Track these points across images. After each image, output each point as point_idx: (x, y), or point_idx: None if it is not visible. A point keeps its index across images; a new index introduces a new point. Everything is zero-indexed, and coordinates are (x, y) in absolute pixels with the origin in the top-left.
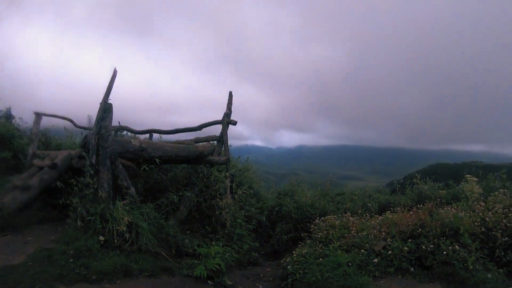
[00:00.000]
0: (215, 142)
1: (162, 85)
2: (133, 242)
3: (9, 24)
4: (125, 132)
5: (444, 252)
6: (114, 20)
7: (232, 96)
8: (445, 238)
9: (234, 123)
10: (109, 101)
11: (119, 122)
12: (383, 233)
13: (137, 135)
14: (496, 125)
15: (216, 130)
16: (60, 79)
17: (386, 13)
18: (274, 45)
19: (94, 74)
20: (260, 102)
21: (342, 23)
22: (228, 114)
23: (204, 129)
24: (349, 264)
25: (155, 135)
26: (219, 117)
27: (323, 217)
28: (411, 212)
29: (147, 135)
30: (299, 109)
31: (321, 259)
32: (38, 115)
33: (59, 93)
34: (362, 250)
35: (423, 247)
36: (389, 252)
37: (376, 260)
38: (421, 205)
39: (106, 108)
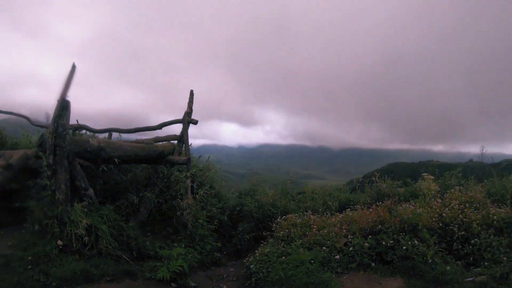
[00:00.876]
0: (175, 141)
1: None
2: (92, 245)
3: None
4: (83, 131)
5: (404, 247)
6: None
7: (193, 94)
8: (404, 233)
9: (195, 122)
10: (67, 98)
11: (77, 121)
12: (344, 230)
13: (95, 134)
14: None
15: (177, 129)
16: None
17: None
18: None
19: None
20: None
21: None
22: (189, 113)
23: (164, 128)
24: (312, 261)
25: (115, 134)
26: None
27: (284, 216)
28: (371, 210)
29: (106, 134)
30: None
31: (283, 257)
32: None
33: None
34: (324, 248)
35: (383, 243)
36: (351, 249)
37: (338, 256)
38: (380, 202)
39: (63, 106)
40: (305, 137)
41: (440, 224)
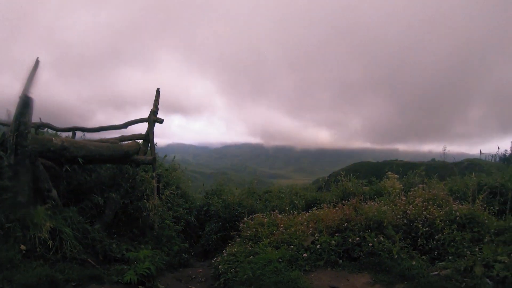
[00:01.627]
0: (141, 141)
1: None
2: (57, 249)
3: None
4: (46, 129)
5: (370, 244)
6: None
7: (159, 93)
8: (370, 230)
9: (161, 121)
10: (30, 95)
11: (40, 119)
12: (311, 229)
13: (59, 133)
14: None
15: (143, 128)
16: None
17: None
18: None
19: None
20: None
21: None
22: (154, 111)
23: (129, 127)
24: (280, 260)
25: (78, 133)
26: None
27: (251, 215)
28: (337, 208)
29: (70, 133)
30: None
31: (251, 257)
32: None
33: None
34: (291, 246)
35: (350, 240)
36: (318, 247)
37: (305, 254)
38: (346, 201)
39: (25, 103)
40: (270, 137)
41: (405, 221)
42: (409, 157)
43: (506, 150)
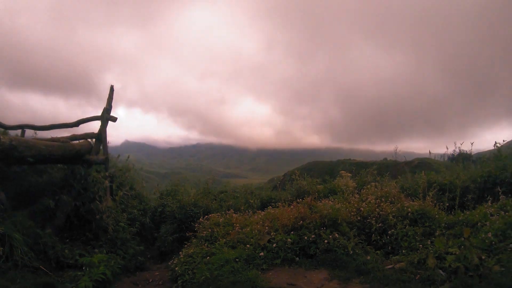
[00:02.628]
0: (93, 139)
1: None
2: (7, 257)
3: None
4: None
5: (326, 241)
6: None
7: (113, 90)
8: (325, 228)
9: (114, 119)
10: None
11: None
12: (267, 228)
13: (7, 131)
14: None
15: (95, 127)
16: None
17: None
18: None
19: None
20: None
21: None
22: (107, 109)
23: (81, 126)
24: (237, 260)
25: (29, 132)
26: None
27: (207, 216)
28: (292, 206)
29: (19, 131)
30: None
31: (208, 257)
32: None
33: None
34: (248, 245)
35: (305, 237)
36: (274, 245)
37: (262, 253)
38: (301, 199)
39: None
40: (226, 136)
41: (359, 218)
42: (362, 156)
43: (454, 150)
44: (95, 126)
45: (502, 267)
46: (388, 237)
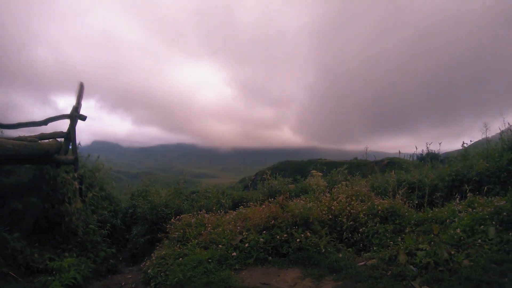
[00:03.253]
0: (62, 139)
1: None
2: None
3: None
4: None
5: (298, 240)
6: None
7: (83, 87)
8: (297, 227)
9: (84, 118)
10: None
11: None
12: (239, 227)
13: None
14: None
15: (64, 125)
16: None
17: None
18: None
19: None
20: None
21: None
22: (77, 107)
23: (50, 124)
24: (209, 260)
25: None
26: None
27: (178, 216)
28: (264, 206)
29: None
30: None
31: (181, 258)
32: None
33: None
34: (220, 246)
35: (278, 237)
36: (246, 245)
37: (234, 253)
38: (273, 199)
39: None
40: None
41: (330, 216)
42: (333, 156)
43: (423, 150)
44: (64, 125)
45: (471, 262)
46: (359, 234)
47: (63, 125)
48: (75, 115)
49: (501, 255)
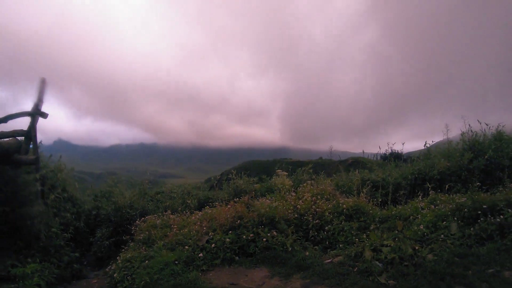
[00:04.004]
0: (22, 137)
1: None
2: None
3: None
4: None
5: (264, 239)
6: None
7: (45, 82)
8: (263, 226)
9: (45, 115)
10: None
11: None
12: (205, 228)
13: None
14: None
15: (24, 123)
16: None
17: None
18: None
19: None
20: None
21: None
22: (38, 104)
23: (9, 122)
24: (176, 262)
25: None
26: None
27: (143, 218)
28: (229, 206)
29: None
30: None
31: (147, 261)
32: None
33: None
34: (187, 247)
35: (244, 236)
36: (213, 245)
37: (201, 254)
38: (238, 198)
39: None
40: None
41: (296, 215)
42: (298, 156)
43: (386, 150)
44: (24, 123)
45: (435, 256)
46: (325, 232)
47: (23, 123)
48: (36, 113)
49: (463, 249)
